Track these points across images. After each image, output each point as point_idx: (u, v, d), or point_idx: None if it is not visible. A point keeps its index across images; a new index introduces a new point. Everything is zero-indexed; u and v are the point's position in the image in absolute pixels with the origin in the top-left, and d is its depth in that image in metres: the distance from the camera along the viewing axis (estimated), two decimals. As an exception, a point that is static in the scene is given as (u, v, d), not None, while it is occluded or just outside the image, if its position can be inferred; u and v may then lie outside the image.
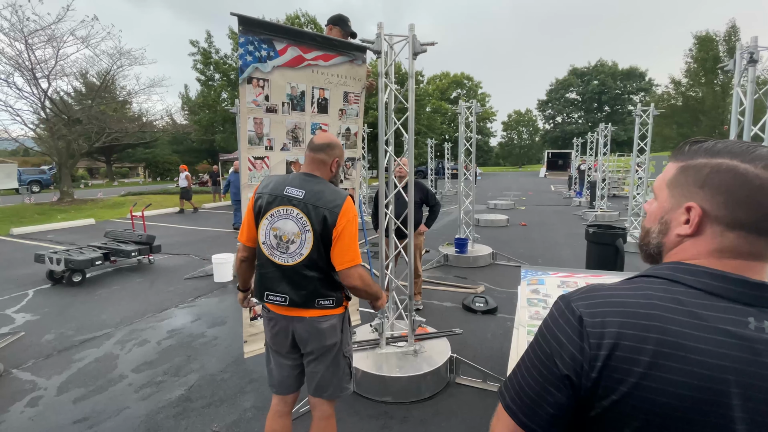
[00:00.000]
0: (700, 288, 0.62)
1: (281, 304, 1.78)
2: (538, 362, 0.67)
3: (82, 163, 35.97)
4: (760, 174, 0.60)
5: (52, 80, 15.60)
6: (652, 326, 0.59)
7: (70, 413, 2.84)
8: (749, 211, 0.61)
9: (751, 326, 0.58)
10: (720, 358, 0.57)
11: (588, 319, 0.63)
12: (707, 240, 0.65)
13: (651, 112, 7.75)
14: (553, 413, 0.65)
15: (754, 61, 3.55)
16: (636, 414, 0.59)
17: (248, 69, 2.39)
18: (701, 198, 0.64)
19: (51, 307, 4.98)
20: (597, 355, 0.61)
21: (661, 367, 0.58)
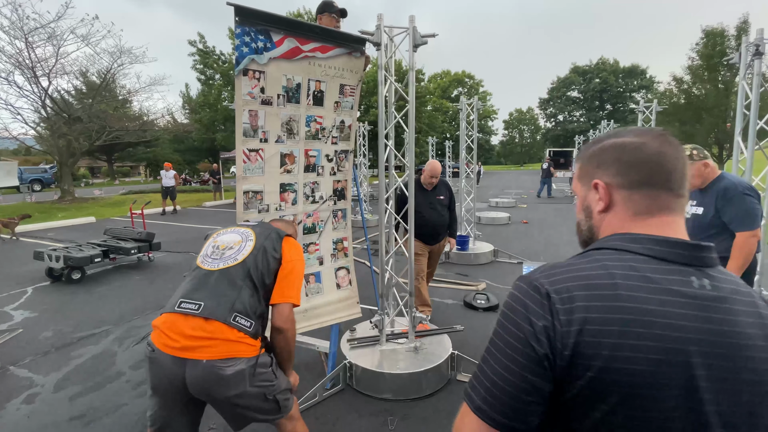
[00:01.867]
0: (647, 254, 0.66)
1: (192, 311, 1.51)
2: (510, 350, 0.64)
3: (83, 162, 36.04)
4: (634, 140, 0.71)
5: (52, 78, 15.60)
6: (614, 295, 0.61)
7: (67, 410, 2.81)
8: (639, 170, 0.70)
9: (695, 284, 0.63)
10: (674, 317, 0.60)
11: (555, 296, 0.63)
12: (621, 207, 0.72)
13: (654, 108, 7.69)
14: (532, 400, 0.62)
15: (760, 53, 3.49)
16: (614, 388, 0.59)
17: (244, 60, 2.35)
18: (601, 174, 0.74)
19: (50, 305, 4.96)
20: (569, 331, 0.60)
21: (630, 334, 0.59)
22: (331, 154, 3.05)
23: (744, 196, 2.34)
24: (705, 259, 0.66)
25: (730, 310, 0.62)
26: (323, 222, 3.11)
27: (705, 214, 2.48)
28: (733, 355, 0.61)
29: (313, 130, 2.87)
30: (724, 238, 2.41)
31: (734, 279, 0.68)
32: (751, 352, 0.61)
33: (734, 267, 2.36)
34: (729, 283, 0.66)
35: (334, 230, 3.19)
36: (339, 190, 3.16)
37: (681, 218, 0.71)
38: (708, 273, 0.65)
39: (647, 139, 0.70)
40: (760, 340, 0.62)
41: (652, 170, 0.69)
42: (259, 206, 2.68)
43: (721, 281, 0.65)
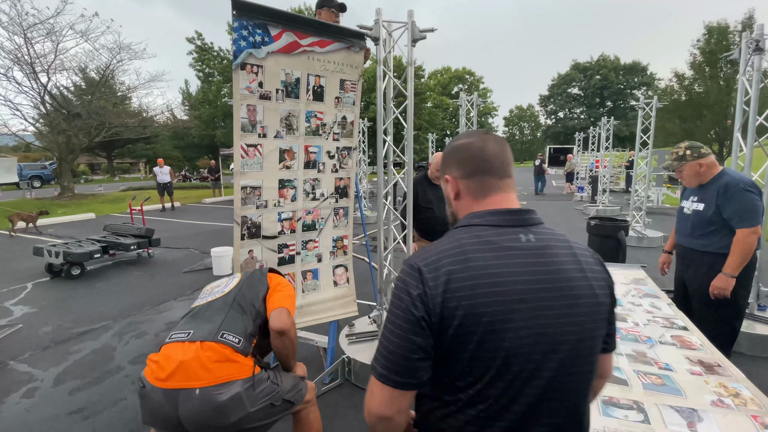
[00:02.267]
0: (486, 224, 0.87)
1: (181, 339, 1.52)
2: (397, 320, 0.81)
3: (83, 159, 35.97)
4: (464, 141, 0.94)
5: (51, 74, 15.57)
6: (465, 259, 0.80)
7: (66, 404, 2.82)
8: (468, 163, 0.92)
9: (522, 239, 0.84)
10: (510, 267, 0.80)
11: (424, 268, 0.81)
12: (465, 193, 0.94)
13: (654, 104, 7.66)
14: (418, 358, 0.79)
15: (760, 49, 3.48)
16: (475, 329, 0.77)
17: (242, 54, 2.34)
18: (449, 171, 0.97)
19: (49, 300, 4.97)
20: (436, 294, 0.78)
21: (479, 285, 0.78)
22: (332, 151, 3.04)
23: (745, 192, 2.30)
24: (527, 220, 0.88)
25: (552, 254, 0.84)
26: (323, 219, 3.10)
27: (705, 210, 2.45)
28: (559, 286, 0.81)
29: (313, 126, 2.86)
30: (725, 233, 2.39)
31: (552, 231, 0.90)
32: (570, 283, 0.82)
33: (732, 263, 2.33)
34: (548, 235, 0.87)
35: (334, 228, 3.18)
36: (341, 188, 3.15)
37: (510, 193, 0.92)
38: (532, 230, 0.87)
39: (474, 140, 0.93)
40: (577, 273, 0.84)
41: (477, 162, 0.91)
42: (257, 202, 2.67)
43: (542, 234, 0.87)
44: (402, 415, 0.84)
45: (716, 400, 1.48)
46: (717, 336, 2.16)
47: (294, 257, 2.93)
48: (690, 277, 2.61)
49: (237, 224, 2.62)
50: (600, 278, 0.87)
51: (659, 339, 1.99)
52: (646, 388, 1.57)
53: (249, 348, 1.58)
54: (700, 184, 2.53)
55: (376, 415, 0.83)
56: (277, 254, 2.83)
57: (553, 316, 0.79)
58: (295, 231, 2.92)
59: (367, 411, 0.85)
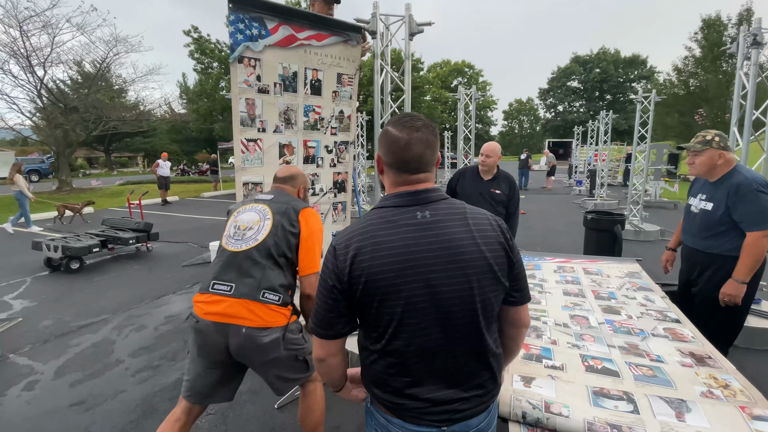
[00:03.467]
0: (390, 205, 1.04)
1: (225, 293, 1.67)
2: (320, 286, 1.05)
3: (81, 153, 35.82)
4: (395, 133, 1.03)
5: (47, 68, 15.45)
6: (369, 236, 0.99)
7: (67, 397, 2.85)
8: (390, 155, 1.05)
9: (419, 216, 1.01)
10: (405, 240, 0.98)
11: (338, 246, 1.03)
12: (386, 177, 1.09)
13: (652, 98, 7.65)
14: (333, 316, 1.03)
15: (758, 43, 3.48)
16: (375, 291, 0.97)
17: (239, 48, 2.34)
18: (380, 150, 1.08)
19: (49, 294, 4.98)
20: (345, 266, 0.99)
21: (376, 257, 0.97)
22: (330, 146, 3.05)
23: (758, 193, 2.14)
24: (426, 199, 1.02)
25: (444, 227, 0.99)
26: (323, 215, 3.12)
27: (714, 210, 2.30)
28: (447, 256, 0.97)
29: (311, 120, 2.87)
30: (734, 235, 2.24)
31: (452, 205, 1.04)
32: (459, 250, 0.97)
33: (744, 268, 2.18)
34: (445, 210, 1.02)
35: (333, 223, 3.20)
36: (339, 182, 3.16)
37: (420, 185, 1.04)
38: (430, 207, 1.02)
39: (403, 135, 1.01)
40: (467, 240, 0.99)
41: (396, 158, 1.03)
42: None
43: (439, 210, 1.02)
44: (332, 358, 1.09)
45: (706, 392, 1.51)
46: (716, 335, 2.09)
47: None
48: (694, 278, 2.48)
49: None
50: (492, 241, 1.01)
51: (652, 331, 2.01)
52: (636, 379, 1.60)
53: (288, 298, 1.77)
54: (709, 180, 2.38)
55: (315, 358, 1.11)
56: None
57: (441, 277, 0.96)
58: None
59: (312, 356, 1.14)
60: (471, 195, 3.27)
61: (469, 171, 3.39)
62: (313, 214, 1.85)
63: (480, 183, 3.29)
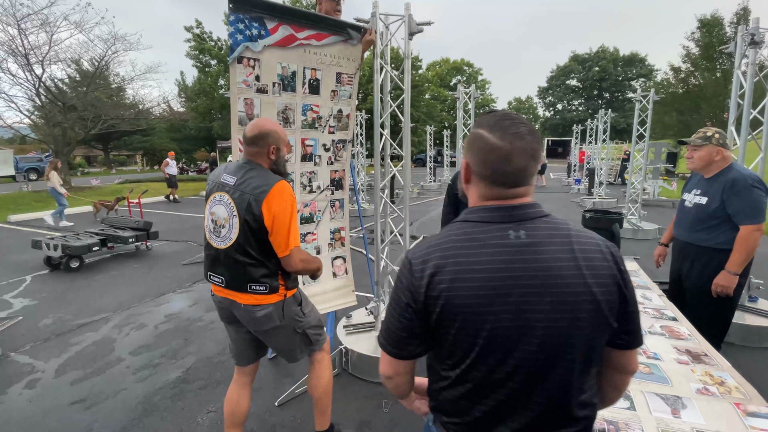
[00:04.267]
0: (477, 220, 0.90)
1: (219, 284, 1.86)
2: (392, 302, 0.95)
3: (79, 151, 35.73)
4: (494, 141, 0.86)
5: (46, 66, 15.40)
6: (450, 254, 0.87)
7: (68, 395, 2.86)
8: (486, 167, 0.88)
9: (511, 236, 0.86)
10: (493, 263, 0.84)
11: (414, 260, 0.91)
12: (474, 187, 0.94)
13: (651, 97, 7.67)
14: (405, 336, 0.92)
15: (755, 43, 3.49)
16: (454, 316, 0.85)
17: (239, 48, 2.34)
18: (469, 157, 0.92)
19: (49, 293, 5.00)
20: (421, 284, 0.87)
21: (459, 279, 0.84)
22: (328, 144, 3.05)
23: (752, 188, 2.26)
24: (521, 215, 0.88)
25: (542, 251, 0.84)
26: (321, 212, 3.13)
27: (708, 204, 2.40)
28: (544, 286, 0.82)
29: (309, 119, 2.87)
30: (725, 229, 2.35)
31: (554, 225, 0.88)
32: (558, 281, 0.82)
33: (736, 260, 2.29)
34: (545, 230, 0.87)
35: (331, 220, 3.21)
36: (336, 180, 3.17)
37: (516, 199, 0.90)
38: (526, 225, 0.87)
39: (504, 144, 0.85)
40: (570, 269, 0.83)
41: (493, 170, 0.87)
42: (255, 194, 2.69)
43: (537, 230, 0.86)
44: (401, 377, 1.00)
45: (702, 389, 1.53)
46: (709, 329, 2.16)
47: (292, 250, 2.95)
48: (686, 272, 2.56)
49: (235, 217, 2.64)
50: (602, 273, 0.85)
51: (648, 329, 2.03)
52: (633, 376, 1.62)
53: (276, 282, 1.84)
54: (705, 176, 2.47)
55: (382, 374, 1.02)
56: (275, 247, 2.85)
57: (534, 310, 0.82)
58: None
59: (379, 373, 1.03)
60: None
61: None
62: (275, 197, 1.72)
63: None
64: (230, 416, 2.05)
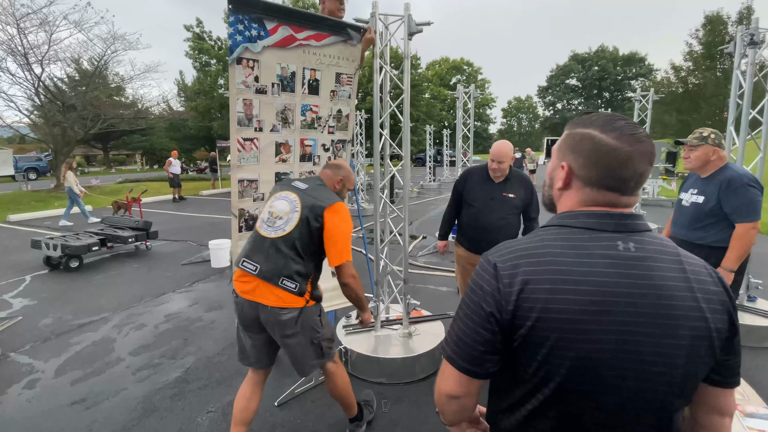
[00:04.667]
0: (580, 226, 0.79)
1: (251, 271, 1.92)
2: (469, 311, 0.81)
3: (79, 151, 35.65)
4: (610, 143, 0.76)
5: (45, 65, 15.38)
6: (547, 261, 0.76)
7: (68, 395, 2.86)
8: (598, 170, 0.78)
9: (620, 247, 0.76)
10: (599, 276, 0.73)
11: (500, 265, 0.79)
12: (574, 193, 0.83)
13: (650, 97, 7.67)
14: (484, 350, 0.79)
15: (755, 43, 3.50)
16: (548, 333, 0.73)
17: (238, 49, 2.35)
18: (571, 159, 0.82)
19: (48, 293, 5.00)
20: (510, 291, 0.76)
21: (558, 291, 0.73)
22: (327, 144, 3.06)
23: (748, 187, 2.34)
24: (631, 225, 0.78)
25: (653, 267, 0.75)
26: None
27: (705, 203, 2.47)
28: (654, 305, 0.73)
29: (308, 120, 2.88)
30: (721, 228, 2.42)
31: (662, 241, 0.79)
32: (672, 302, 0.73)
33: (733, 257, 2.36)
34: (654, 245, 0.77)
35: None
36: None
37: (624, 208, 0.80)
38: (634, 237, 0.77)
39: (622, 145, 0.76)
40: (683, 291, 0.74)
41: (611, 175, 0.77)
42: (254, 195, 2.70)
43: (646, 243, 0.77)
44: (470, 398, 0.85)
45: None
46: None
47: (291, 250, 2.95)
48: None
49: (234, 217, 2.65)
50: (714, 299, 0.76)
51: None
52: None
53: (305, 287, 1.94)
54: (701, 175, 2.53)
55: (445, 393, 0.85)
56: (275, 247, 2.85)
57: (642, 333, 0.72)
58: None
59: (437, 390, 0.87)
60: (481, 200, 2.90)
61: (477, 172, 2.99)
62: (339, 210, 1.97)
63: (490, 186, 2.90)
64: (240, 413, 2.06)
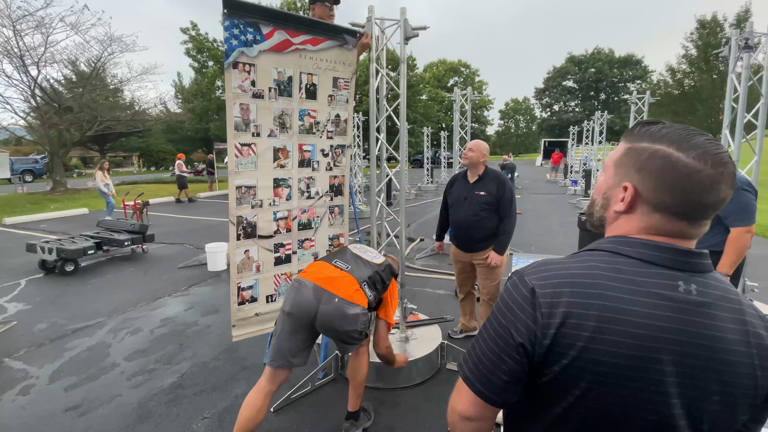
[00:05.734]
0: (637, 257, 0.68)
1: (344, 268, 2.19)
2: (495, 334, 0.73)
3: (75, 153, 35.55)
4: (689, 163, 0.65)
5: (41, 67, 15.34)
6: (596, 294, 0.66)
7: (62, 401, 2.84)
8: (674, 195, 0.67)
9: (681, 289, 0.66)
10: (653, 318, 0.64)
11: (540, 291, 0.69)
12: (637, 218, 0.71)
13: (647, 99, 7.71)
14: (507, 380, 0.71)
15: (749, 47, 3.52)
16: (584, 375, 0.65)
17: (234, 53, 2.34)
18: (637, 180, 0.70)
19: (43, 297, 4.96)
20: (549, 323, 0.67)
21: (605, 330, 0.64)
22: (326, 149, 3.05)
23: (742, 191, 2.35)
24: (696, 265, 0.68)
25: (714, 316, 0.65)
26: (319, 218, 3.11)
27: None
28: (708, 360, 0.64)
29: (306, 125, 2.87)
30: (717, 232, 2.42)
31: (725, 286, 0.69)
32: (727, 357, 0.64)
33: (728, 262, 2.37)
34: (718, 290, 0.67)
35: (330, 226, 3.19)
36: (336, 186, 3.16)
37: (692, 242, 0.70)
38: (697, 279, 0.67)
39: (706, 167, 0.64)
40: (740, 346, 0.65)
41: (688, 202, 0.66)
42: (252, 201, 2.68)
43: (709, 287, 0.67)
44: (485, 422, 0.77)
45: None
46: None
47: (290, 256, 2.94)
48: None
49: (232, 224, 2.63)
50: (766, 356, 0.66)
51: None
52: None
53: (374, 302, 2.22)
54: None
55: (459, 413, 0.77)
56: (273, 254, 2.84)
57: (689, 386, 0.63)
58: (291, 230, 2.93)
59: (450, 408, 0.80)
60: (457, 201, 3.21)
61: (461, 175, 3.34)
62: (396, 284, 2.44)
63: (466, 187, 3.16)
64: (246, 423, 2.02)
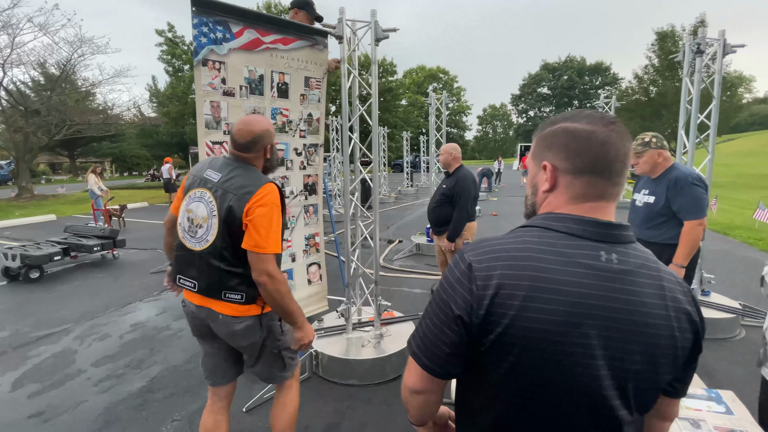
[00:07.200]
0: (565, 231, 0.74)
1: (191, 289, 1.68)
2: (437, 308, 0.77)
3: (43, 158, 34.26)
4: (585, 128, 0.74)
5: (7, 69, 14.76)
6: (527, 266, 0.71)
7: (25, 408, 2.74)
8: (583, 157, 0.74)
9: (602, 258, 0.72)
10: (579, 286, 0.69)
11: (476, 265, 0.73)
12: (562, 191, 0.78)
13: (612, 104, 8.02)
14: (449, 352, 0.75)
15: (701, 51, 3.73)
16: (516, 341, 0.69)
17: (203, 51, 2.34)
18: (551, 157, 0.78)
19: (6, 305, 4.76)
20: (484, 294, 0.71)
21: (535, 298, 0.69)
22: (299, 148, 3.07)
23: (693, 186, 2.48)
24: (617, 237, 0.74)
25: (633, 282, 0.71)
26: (295, 218, 3.12)
27: (656, 203, 2.61)
28: (629, 323, 0.70)
29: (279, 123, 2.88)
30: (672, 225, 2.57)
31: (645, 255, 0.76)
32: (647, 320, 0.70)
33: (682, 253, 2.50)
34: (638, 258, 0.74)
35: (305, 226, 3.20)
36: (309, 185, 3.18)
37: (611, 204, 0.77)
38: (618, 249, 0.73)
39: (597, 128, 0.73)
40: (659, 309, 0.72)
41: (596, 159, 0.73)
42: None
43: (629, 256, 0.73)
44: (433, 394, 0.83)
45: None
46: None
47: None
48: None
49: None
50: (685, 318, 0.74)
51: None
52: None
53: (254, 291, 1.63)
54: (651, 177, 2.68)
55: (408, 387, 0.82)
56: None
57: (615, 348, 0.69)
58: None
59: (403, 384, 0.85)
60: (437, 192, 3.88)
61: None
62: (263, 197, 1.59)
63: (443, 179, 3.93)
64: None
